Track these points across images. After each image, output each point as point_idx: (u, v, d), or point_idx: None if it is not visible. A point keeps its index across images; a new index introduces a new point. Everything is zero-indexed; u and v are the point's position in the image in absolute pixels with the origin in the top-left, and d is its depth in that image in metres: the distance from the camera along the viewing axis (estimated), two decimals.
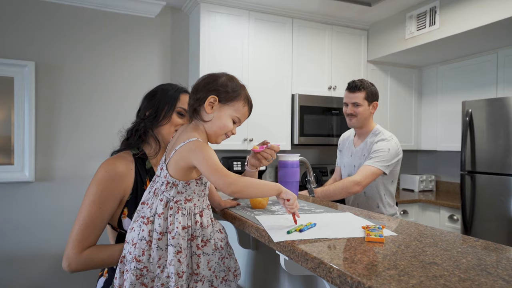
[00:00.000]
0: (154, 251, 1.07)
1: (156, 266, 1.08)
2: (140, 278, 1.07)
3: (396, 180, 2.31)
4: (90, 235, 1.21)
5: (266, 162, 1.51)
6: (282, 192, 1.11)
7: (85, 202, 1.23)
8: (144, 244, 1.07)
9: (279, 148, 1.49)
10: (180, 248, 1.07)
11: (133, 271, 1.06)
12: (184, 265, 1.07)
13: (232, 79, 1.19)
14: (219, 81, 1.15)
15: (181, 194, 1.10)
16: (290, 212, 1.12)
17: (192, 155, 1.06)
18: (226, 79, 1.17)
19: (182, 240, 1.07)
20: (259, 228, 1.09)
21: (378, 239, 0.94)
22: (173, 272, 1.05)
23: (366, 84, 2.25)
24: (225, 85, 1.15)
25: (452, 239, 0.98)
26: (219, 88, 1.14)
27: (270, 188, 1.11)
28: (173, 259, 1.06)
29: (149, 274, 1.08)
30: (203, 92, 1.14)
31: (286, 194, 1.11)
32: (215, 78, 1.16)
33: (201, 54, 3.07)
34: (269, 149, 1.48)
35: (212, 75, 1.19)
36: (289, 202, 1.10)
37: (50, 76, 2.91)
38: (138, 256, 1.06)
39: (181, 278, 1.07)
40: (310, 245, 0.91)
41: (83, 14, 3.02)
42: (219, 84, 1.15)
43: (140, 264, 1.06)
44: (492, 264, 0.78)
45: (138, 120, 1.39)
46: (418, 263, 0.77)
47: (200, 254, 1.12)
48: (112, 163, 1.28)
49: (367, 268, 0.74)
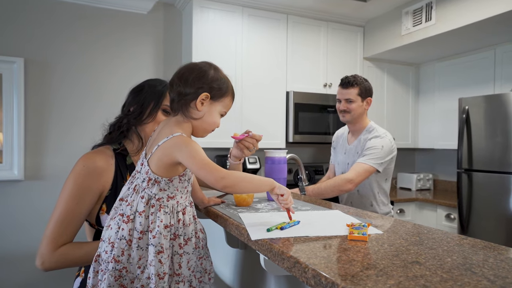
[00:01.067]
0: (134, 251, 1.02)
1: (136, 266, 1.03)
2: (118, 279, 1.02)
3: (390, 178, 2.26)
4: (66, 231, 1.17)
5: (248, 152, 1.45)
6: (275, 187, 1.07)
7: (61, 198, 1.18)
8: (124, 243, 1.02)
9: (261, 137, 1.43)
10: (161, 248, 1.02)
11: (112, 272, 1.01)
12: (165, 266, 1.02)
13: (219, 72, 1.13)
14: (209, 76, 1.09)
15: (164, 192, 1.05)
16: (284, 208, 1.08)
17: (177, 151, 1.01)
18: (215, 73, 1.11)
19: (164, 239, 1.03)
20: (239, 225, 1.04)
21: (361, 237, 0.89)
22: (153, 273, 1.01)
23: (359, 80, 2.20)
24: (216, 81, 1.10)
25: (440, 237, 0.93)
26: (212, 85, 1.09)
27: (263, 183, 1.07)
28: (154, 259, 1.01)
29: (129, 275, 1.03)
30: (193, 88, 1.07)
31: (279, 189, 1.07)
32: (204, 72, 1.09)
33: (193, 51, 3.02)
34: (251, 138, 1.42)
35: (198, 67, 1.11)
36: (283, 197, 1.06)
37: (39, 73, 2.87)
38: (117, 256, 1.01)
39: (162, 280, 1.02)
40: (288, 244, 0.86)
41: (73, 10, 2.98)
42: (210, 80, 1.09)
43: (119, 264, 1.02)
44: (478, 263, 0.73)
45: (122, 116, 1.34)
46: (400, 262, 0.73)
47: (182, 254, 1.08)
48: (91, 157, 1.24)
49: (344, 268, 0.69)
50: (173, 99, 1.09)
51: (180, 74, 1.10)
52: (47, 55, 2.90)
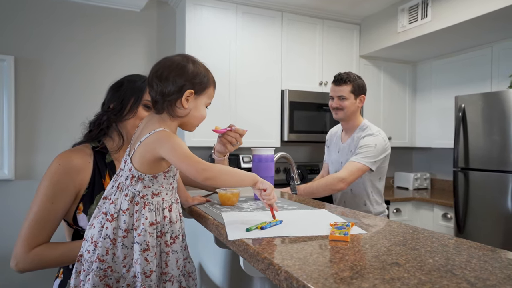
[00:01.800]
0: (118, 249, 1.00)
1: (121, 265, 1.01)
2: (103, 279, 0.99)
3: (384, 177, 2.23)
4: (41, 232, 1.14)
5: (231, 147, 1.41)
6: (258, 182, 1.04)
7: (36, 197, 1.15)
8: (108, 242, 0.99)
9: (245, 132, 1.40)
10: (147, 246, 0.99)
11: (96, 271, 0.98)
12: (152, 264, 1.00)
13: (197, 64, 1.09)
14: (189, 72, 1.05)
15: (148, 189, 1.03)
16: (267, 204, 1.05)
17: (159, 145, 0.99)
18: (194, 67, 1.07)
19: (150, 237, 1.00)
20: (219, 225, 1.01)
21: (342, 238, 0.86)
22: (139, 272, 0.98)
23: (352, 77, 2.17)
24: (197, 75, 1.06)
25: (424, 237, 0.90)
26: (194, 81, 1.05)
27: (245, 177, 1.04)
28: (139, 257, 0.98)
29: (114, 274, 1.00)
30: (175, 86, 1.03)
31: (262, 184, 1.04)
32: (183, 67, 1.05)
33: (187, 49, 2.99)
34: (234, 133, 1.38)
35: (176, 64, 1.06)
36: (265, 192, 1.03)
37: (30, 71, 2.84)
38: (102, 255, 0.99)
39: (149, 278, 0.99)
40: (265, 244, 0.83)
41: (65, 7, 2.94)
42: (192, 75, 1.05)
43: (104, 264, 0.99)
44: (460, 264, 0.70)
45: (101, 113, 1.31)
46: (378, 264, 0.69)
47: (168, 252, 1.05)
48: (67, 155, 1.21)
49: (319, 270, 0.66)
50: (156, 100, 1.05)
51: (159, 73, 1.04)
52: (38, 53, 2.86)
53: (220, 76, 3.07)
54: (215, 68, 2.99)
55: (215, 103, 3.01)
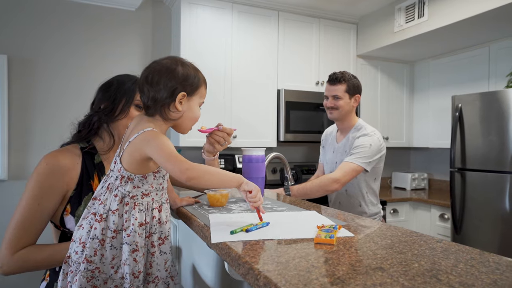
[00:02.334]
0: (107, 250, 0.99)
1: (109, 266, 1.00)
2: (91, 280, 0.98)
3: (379, 178, 2.20)
4: (27, 234, 1.11)
5: (220, 147, 1.39)
6: (243, 183, 1.02)
7: (22, 198, 1.13)
8: (97, 243, 0.98)
9: (233, 131, 1.37)
10: (136, 246, 0.99)
11: (83, 272, 0.97)
12: (140, 264, 0.99)
13: (187, 65, 1.08)
14: (179, 74, 1.04)
15: (138, 189, 1.02)
16: (253, 207, 1.02)
17: (146, 145, 0.98)
18: (183, 68, 1.06)
19: (139, 237, 1.00)
20: (204, 227, 0.99)
21: (327, 241, 0.84)
22: (128, 272, 0.98)
23: (347, 77, 2.15)
24: (188, 77, 1.05)
25: (413, 240, 0.88)
26: (185, 83, 1.04)
27: (230, 178, 1.02)
28: (129, 258, 0.98)
29: (101, 275, 0.99)
30: (167, 91, 1.02)
31: (247, 186, 1.02)
32: (172, 71, 1.04)
33: (182, 49, 2.96)
34: (221, 132, 1.36)
35: (166, 67, 1.05)
36: (251, 194, 1.01)
37: (24, 70, 2.81)
38: (90, 256, 0.98)
39: (137, 278, 0.99)
40: (248, 248, 0.80)
41: (59, 6, 2.92)
42: (182, 78, 1.04)
43: (92, 265, 0.98)
44: (446, 269, 0.68)
45: (92, 113, 1.29)
46: (362, 269, 0.67)
47: (154, 253, 1.04)
48: (55, 155, 1.19)
49: (299, 275, 0.64)
50: (148, 105, 1.05)
51: (149, 78, 1.04)
52: (32, 52, 2.84)
53: (216, 75, 3.05)
54: (210, 67, 3.01)
55: (211, 103, 3.01)
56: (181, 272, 2.04)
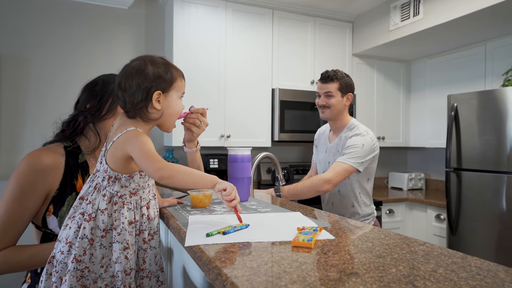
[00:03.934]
0: (97, 249, 1.00)
1: (99, 265, 1.00)
2: (80, 279, 0.98)
3: (372, 178, 2.17)
4: (7, 235, 1.09)
5: (197, 129, 1.33)
6: (217, 183, 1.00)
7: (2, 199, 1.10)
8: (86, 242, 0.98)
9: (206, 110, 1.33)
10: (127, 244, 1.00)
11: (73, 272, 0.97)
12: (132, 261, 1.01)
13: (156, 63, 1.06)
14: (150, 74, 1.03)
15: (126, 188, 1.03)
16: (230, 207, 1.00)
17: (128, 143, 0.99)
18: (153, 67, 1.04)
19: (129, 235, 1.01)
20: (181, 229, 0.96)
21: (305, 244, 0.80)
22: (119, 270, 0.99)
23: (340, 75, 2.11)
24: (158, 74, 1.04)
25: (395, 243, 0.84)
26: (158, 81, 1.03)
27: (204, 178, 1.00)
28: (120, 256, 0.99)
29: (91, 274, 0.99)
30: (141, 93, 1.01)
31: (221, 185, 1.00)
32: (142, 72, 1.03)
33: (174, 48, 2.93)
34: (194, 114, 1.32)
35: (135, 70, 1.03)
36: (225, 192, 0.98)
37: (15, 70, 2.78)
38: (79, 255, 0.98)
39: (129, 276, 1.00)
40: (221, 251, 0.77)
41: (51, 4, 2.89)
42: (153, 77, 1.03)
43: (81, 264, 0.98)
44: (425, 274, 0.64)
45: (77, 112, 1.27)
46: (335, 274, 0.64)
47: (146, 249, 1.06)
48: (37, 155, 1.16)
49: (268, 282, 0.61)
50: (127, 110, 1.04)
51: (122, 84, 1.03)
52: (24, 51, 2.81)
53: (209, 74, 3.01)
54: (204, 66, 2.98)
55: (204, 102, 2.97)
56: (172, 274, 2.01)
